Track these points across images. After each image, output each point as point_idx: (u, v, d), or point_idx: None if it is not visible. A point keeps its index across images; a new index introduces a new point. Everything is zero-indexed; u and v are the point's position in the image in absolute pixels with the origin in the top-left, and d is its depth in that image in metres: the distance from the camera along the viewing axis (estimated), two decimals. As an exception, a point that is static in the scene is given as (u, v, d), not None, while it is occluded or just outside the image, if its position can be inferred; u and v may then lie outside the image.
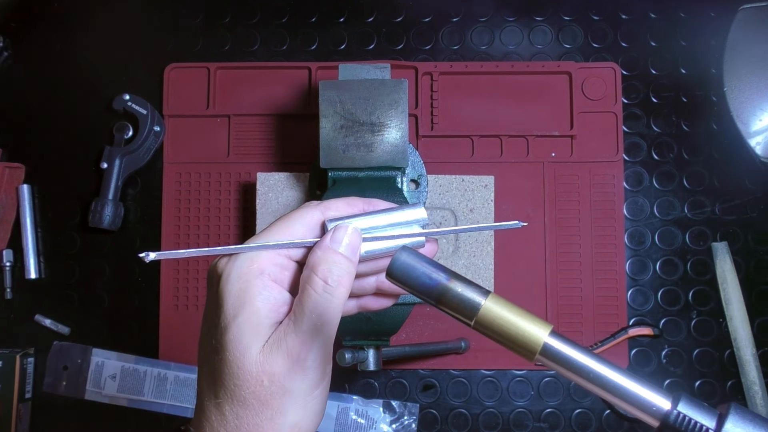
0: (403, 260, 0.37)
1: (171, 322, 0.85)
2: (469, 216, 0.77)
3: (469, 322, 0.36)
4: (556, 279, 0.84)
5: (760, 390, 0.81)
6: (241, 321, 0.40)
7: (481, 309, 0.36)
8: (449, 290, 0.37)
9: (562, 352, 0.35)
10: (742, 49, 0.86)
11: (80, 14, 0.91)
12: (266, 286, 0.41)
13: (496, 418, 0.83)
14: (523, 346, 0.36)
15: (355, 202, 0.44)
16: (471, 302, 0.36)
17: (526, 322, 0.36)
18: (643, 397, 0.34)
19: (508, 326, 0.36)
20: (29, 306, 0.86)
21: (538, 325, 0.36)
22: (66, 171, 0.88)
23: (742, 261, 0.84)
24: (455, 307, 0.37)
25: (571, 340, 0.36)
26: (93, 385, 0.84)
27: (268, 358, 0.40)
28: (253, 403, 0.40)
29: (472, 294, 0.36)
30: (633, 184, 0.86)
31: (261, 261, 0.41)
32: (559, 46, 0.88)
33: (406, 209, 0.44)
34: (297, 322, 0.40)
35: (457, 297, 0.36)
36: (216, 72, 0.88)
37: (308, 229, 0.43)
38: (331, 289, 0.40)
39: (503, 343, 0.36)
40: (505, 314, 0.36)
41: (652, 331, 0.83)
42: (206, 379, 0.42)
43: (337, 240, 0.41)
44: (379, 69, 0.70)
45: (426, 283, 0.37)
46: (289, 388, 0.40)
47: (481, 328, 0.36)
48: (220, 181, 0.87)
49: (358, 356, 0.67)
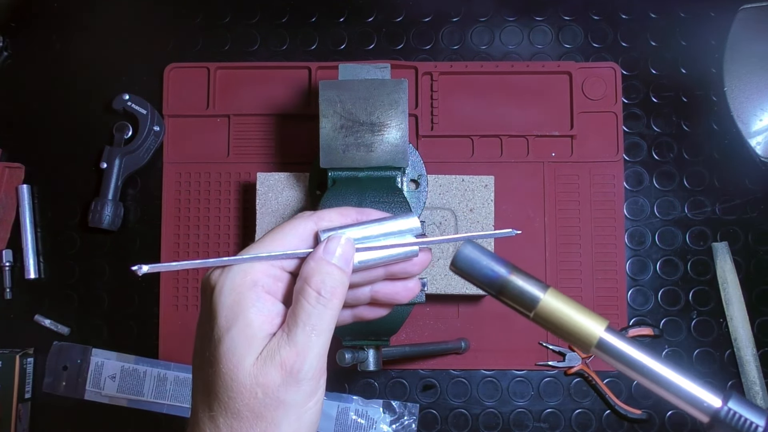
0: (468, 253, 0.39)
1: (171, 322, 0.85)
2: (469, 216, 0.77)
3: (529, 314, 0.39)
4: (556, 279, 0.84)
5: (760, 390, 0.81)
6: (234, 333, 0.40)
7: (541, 302, 0.38)
8: (510, 283, 0.39)
9: (617, 347, 0.37)
10: (742, 49, 0.86)
11: (80, 14, 0.91)
12: (259, 297, 0.41)
13: (496, 418, 0.83)
14: (581, 339, 0.38)
15: (348, 212, 0.44)
16: (531, 295, 0.38)
17: (584, 316, 0.38)
18: (695, 394, 0.36)
19: (566, 320, 0.38)
20: (29, 306, 0.86)
21: (594, 320, 0.38)
22: (66, 171, 0.88)
23: (742, 261, 0.84)
24: (516, 300, 0.39)
25: (626, 336, 0.38)
26: (93, 385, 0.84)
27: (261, 370, 0.39)
28: (247, 415, 0.40)
29: (532, 288, 0.38)
30: (633, 184, 0.86)
31: (254, 272, 0.41)
32: (559, 46, 0.88)
33: (400, 219, 0.43)
34: (291, 333, 0.40)
35: (518, 290, 0.38)
36: (216, 72, 0.88)
37: (301, 239, 0.43)
38: (324, 300, 0.40)
39: (561, 335, 0.38)
40: (564, 308, 0.38)
41: (652, 331, 0.83)
42: (200, 392, 0.42)
43: (330, 251, 0.41)
44: (379, 69, 0.70)
45: (489, 275, 0.39)
46: (284, 400, 0.40)
47: (540, 320, 0.39)
48: (220, 181, 0.87)
49: (358, 356, 0.67)
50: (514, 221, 0.84)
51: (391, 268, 0.45)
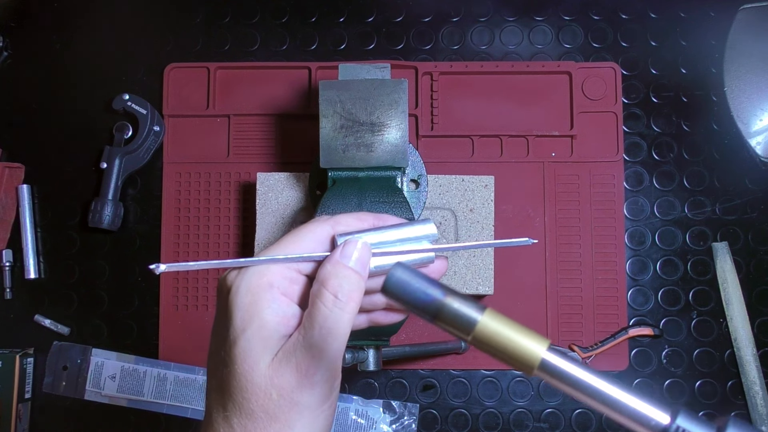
0: (399, 276, 0.37)
1: (171, 322, 0.85)
2: (469, 216, 0.77)
3: (467, 338, 0.36)
4: (556, 279, 0.84)
5: (760, 390, 0.81)
6: (250, 334, 0.40)
7: (478, 325, 0.36)
8: (445, 306, 0.36)
9: (560, 368, 0.35)
10: (743, 49, 0.86)
11: (80, 14, 0.91)
12: (275, 299, 0.41)
13: (496, 418, 0.83)
14: (522, 362, 0.35)
15: (365, 217, 0.45)
16: (467, 318, 0.36)
17: (524, 337, 0.35)
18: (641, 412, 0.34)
19: (506, 342, 0.35)
20: (29, 306, 0.86)
21: (535, 341, 0.35)
22: (66, 171, 0.88)
23: (742, 261, 0.84)
24: (452, 323, 0.36)
25: (569, 356, 0.36)
26: (93, 385, 0.84)
27: (277, 371, 0.40)
28: (261, 416, 0.40)
29: (469, 310, 0.36)
30: (633, 184, 0.86)
31: (270, 274, 0.41)
32: (559, 46, 0.88)
33: (416, 225, 0.44)
34: (306, 336, 0.40)
35: (454, 313, 0.36)
36: (216, 72, 0.88)
37: (318, 243, 0.43)
38: (341, 303, 0.40)
39: (501, 359, 0.36)
40: (502, 330, 0.36)
41: (652, 331, 0.83)
42: (215, 392, 0.42)
43: (346, 255, 0.41)
44: (379, 69, 0.70)
45: (422, 299, 0.36)
46: (298, 402, 0.40)
47: (478, 344, 0.36)
48: (220, 181, 0.87)
49: (358, 356, 0.67)
50: (514, 221, 0.85)
51: None
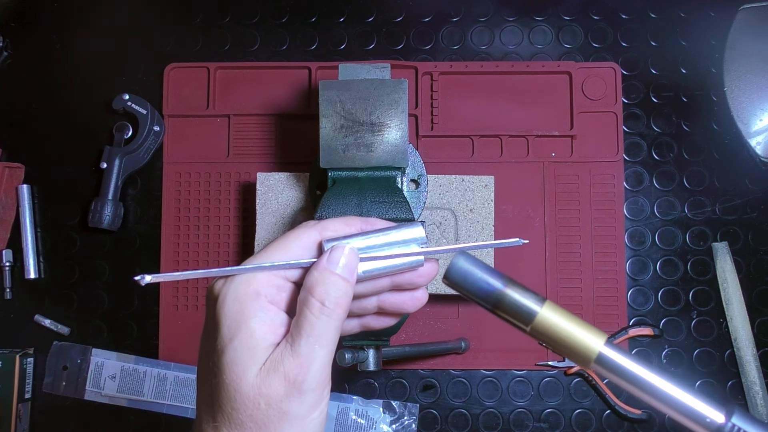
0: (461, 265, 0.37)
1: (171, 322, 0.85)
2: (469, 216, 0.77)
3: (525, 329, 0.36)
4: (556, 279, 0.84)
5: (760, 390, 0.81)
6: (237, 344, 0.40)
7: (537, 317, 0.36)
8: (507, 296, 0.37)
9: (617, 362, 0.35)
10: (743, 49, 0.86)
11: (80, 14, 0.91)
12: (263, 307, 0.41)
13: (496, 418, 0.83)
14: (579, 355, 0.36)
15: (352, 222, 0.44)
16: (527, 309, 0.36)
17: (582, 330, 0.36)
18: (696, 410, 0.34)
19: (564, 335, 0.36)
20: (29, 306, 0.86)
21: (593, 334, 0.36)
22: (66, 171, 0.88)
23: (742, 261, 0.84)
24: (512, 314, 0.37)
25: (626, 351, 0.36)
26: (93, 385, 0.84)
27: (265, 380, 0.39)
28: (250, 426, 0.39)
29: (529, 301, 0.36)
30: (633, 184, 0.86)
31: (257, 282, 0.41)
32: (559, 46, 0.88)
33: (404, 228, 0.43)
34: (294, 344, 0.40)
35: (514, 304, 0.36)
36: (216, 72, 0.88)
37: (305, 249, 0.42)
38: (328, 310, 0.40)
39: (559, 351, 0.36)
40: (561, 322, 0.36)
41: (652, 331, 0.83)
42: (204, 402, 0.42)
43: (334, 260, 0.41)
44: (379, 69, 0.70)
45: (483, 288, 0.37)
46: (287, 411, 0.39)
47: (537, 334, 0.36)
48: (220, 181, 0.87)
49: (358, 356, 0.67)
50: (514, 221, 0.85)
51: (397, 280, 0.44)
